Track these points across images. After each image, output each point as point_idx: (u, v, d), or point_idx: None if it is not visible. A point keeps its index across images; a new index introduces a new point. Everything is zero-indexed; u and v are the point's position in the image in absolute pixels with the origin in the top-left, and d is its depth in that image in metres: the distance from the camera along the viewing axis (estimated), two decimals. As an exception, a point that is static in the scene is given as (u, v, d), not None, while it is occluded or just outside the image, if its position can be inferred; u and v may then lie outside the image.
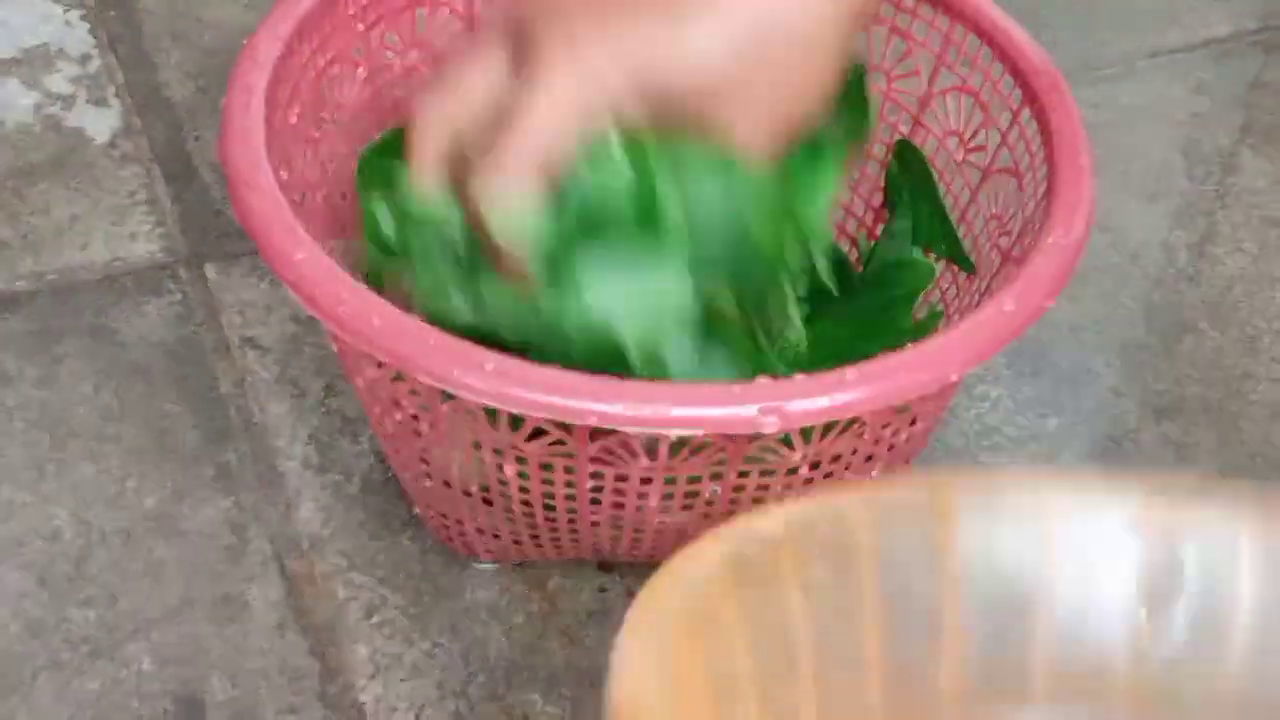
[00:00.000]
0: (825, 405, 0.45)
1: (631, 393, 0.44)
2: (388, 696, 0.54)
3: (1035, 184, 0.55)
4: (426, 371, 0.45)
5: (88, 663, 0.54)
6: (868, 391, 0.45)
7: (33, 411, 0.62)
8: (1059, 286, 0.49)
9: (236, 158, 0.50)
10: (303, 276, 0.47)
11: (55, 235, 0.69)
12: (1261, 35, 0.87)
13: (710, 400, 0.44)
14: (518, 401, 0.44)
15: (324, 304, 0.46)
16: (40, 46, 0.78)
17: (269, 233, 0.48)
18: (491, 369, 0.44)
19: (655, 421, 0.44)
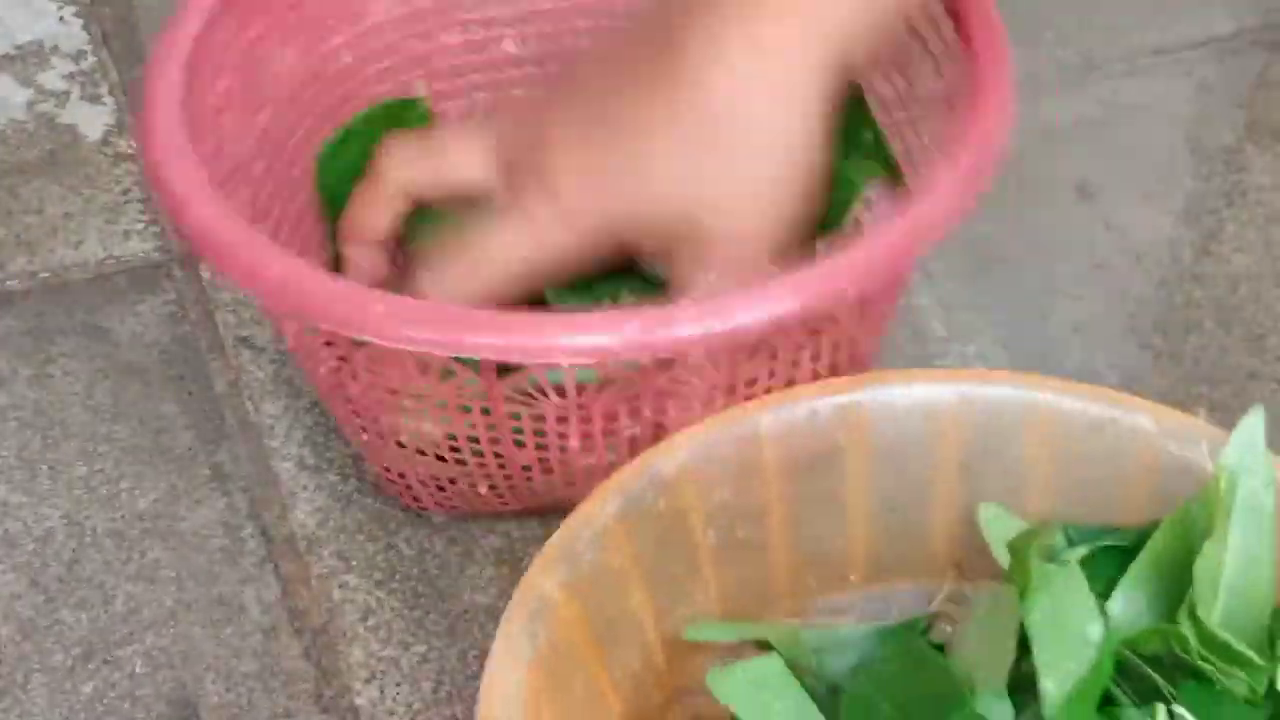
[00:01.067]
0: (719, 329, 0.45)
1: (519, 325, 0.45)
2: (384, 700, 0.54)
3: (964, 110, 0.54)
4: (324, 318, 0.46)
5: (81, 665, 0.54)
6: (767, 310, 0.46)
7: (25, 411, 0.61)
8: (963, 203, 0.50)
9: (155, 128, 0.51)
10: (204, 229, 0.48)
11: (48, 233, 0.68)
12: (1265, 33, 0.87)
13: (595, 327, 0.45)
14: (412, 340, 0.45)
15: (224, 256, 0.47)
16: (34, 43, 0.77)
17: (170, 187, 0.49)
18: (382, 310, 0.45)
19: (541, 352, 0.45)
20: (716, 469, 0.47)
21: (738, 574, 0.49)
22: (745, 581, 0.49)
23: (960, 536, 0.51)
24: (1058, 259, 0.72)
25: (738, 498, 0.47)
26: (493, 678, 0.41)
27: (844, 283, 0.47)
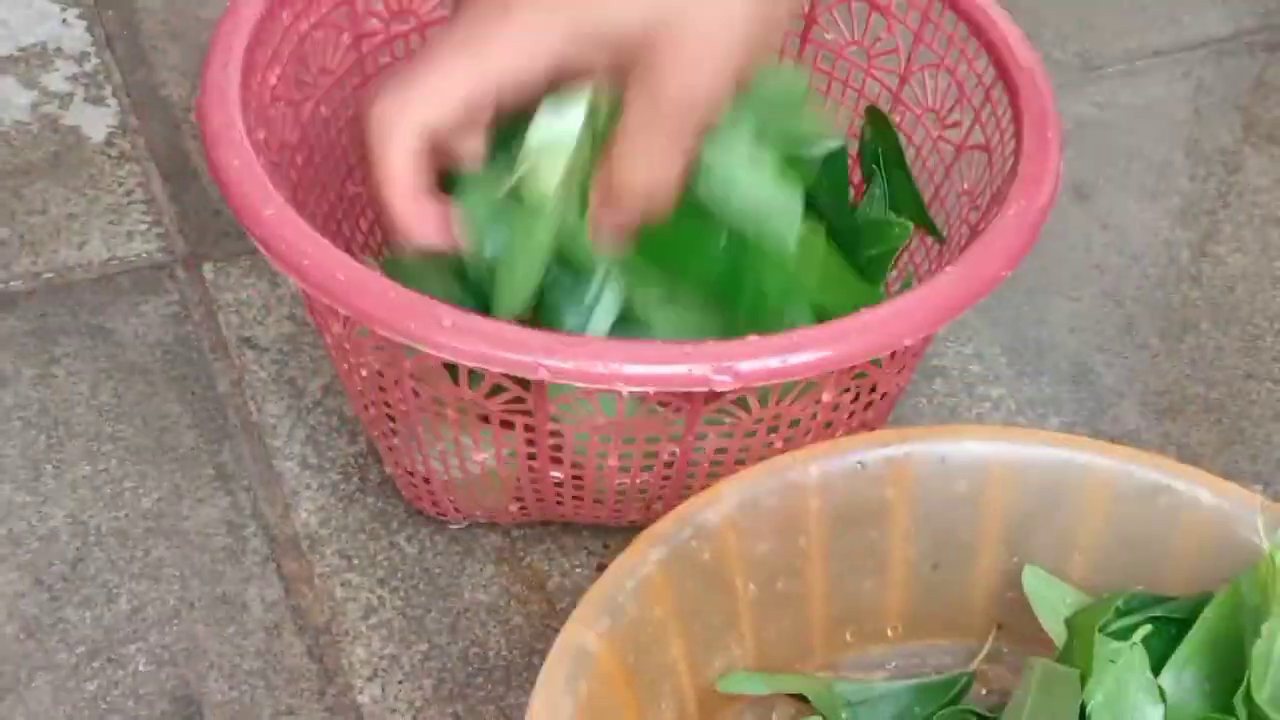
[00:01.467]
0: (776, 366, 0.45)
1: (584, 349, 0.45)
2: (386, 698, 0.54)
3: (1004, 159, 0.56)
4: (386, 325, 0.45)
5: (85, 663, 0.54)
6: (818, 354, 0.46)
7: (30, 411, 0.61)
8: (1017, 257, 0.50)
9: (212, 117, 0.50)
10: (270, 232, 0.48)
11: (52, 234, 0.69)
12: (1262, 34, 0.87)
13: (662, 358, 0.45)
14: (474, 356, 0.45)
15: (289, 258, 0.47)
16: (38, 45, 0.78)
17: (240, 188, 0.49)
18: (449, 324, 0.45)
19: (607, 379, 0.45)
20: (762, 520, 0.46)
21: (776, 626, 0.48)
22: (782, 633, 0.48)
23: (1002, 597, 0.50)
24: (1055, 259, 0.72)
25: (781, 549, 0.46)
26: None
27: (906, 329, 0.47)
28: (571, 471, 0.53)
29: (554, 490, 0.54)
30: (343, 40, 0.59)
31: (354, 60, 0.60)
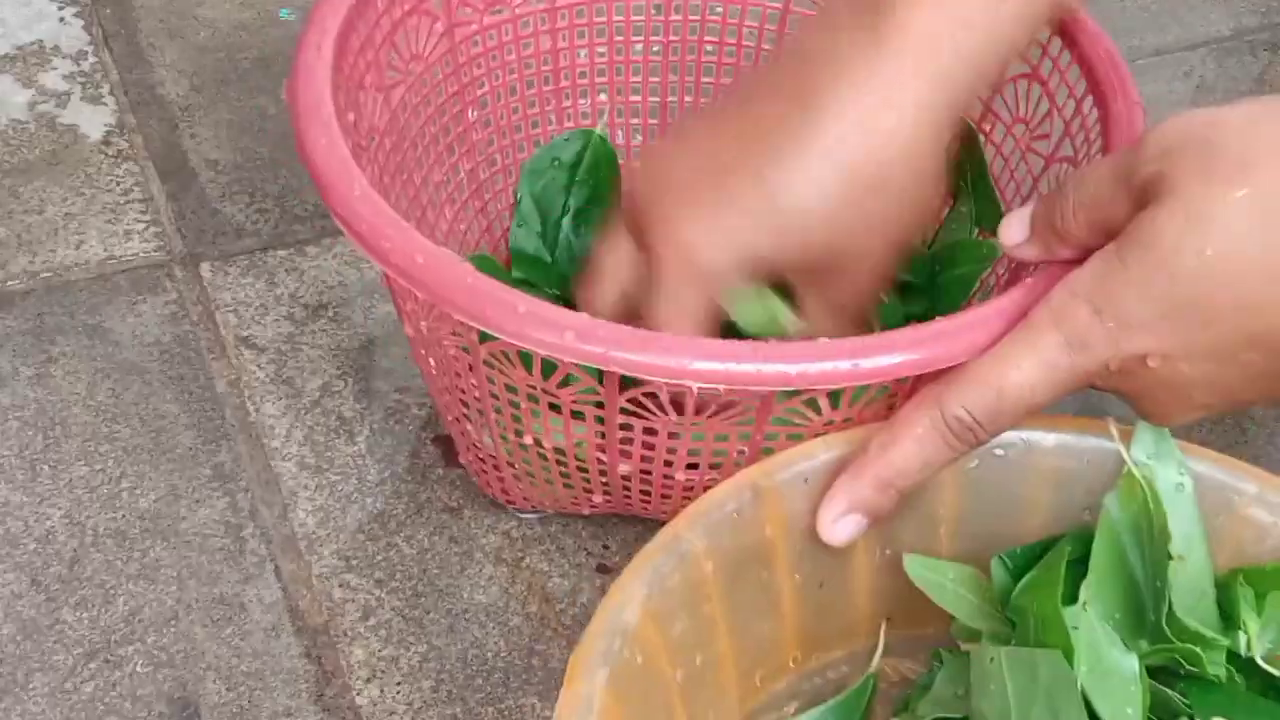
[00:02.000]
0: (846, 369, 0.45)
1: (656, 343, 0.45)
2: (385, 699, 0.54)
3: None
4: (462, 309, 0.46)
5: (82, 665, 0.54)
6: (889, 359, 0.46)
7: (26, 411, 0.61)
8: None
9: (302, 96, 0.51)
10: (353, 213, 0.48)
11: (49, 233, 0.68)
12: (1263, 34, 0.87)
13: (733, 356, 0.45)
14: (545, 345, 0.45)
15: (370, 239, 0.47)
16: (35, 43, 0.78)
17: (326, 168, 0.49)
18: (524, 311, 0.45)
19: (676, 373, 0.45)
20: (672, 600, 0.45)
21: (703, 699, 0.48)
22: (708, 703, 0.48)
23: (884, 591, 0.51)
24: (1056, 259, 0.72)
25: (692, 624, 0.46)
26: None
27: (982, 339, 0.47)
28: (641, 466, 0.53)
29: (622, 484, 0.54)
30: (436, 28, 0.59)
31: (446, 49, 0.60)
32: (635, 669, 0.44)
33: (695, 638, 0.47)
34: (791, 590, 0.49)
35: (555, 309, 0.46)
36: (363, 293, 0.67)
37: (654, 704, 0.45)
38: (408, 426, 0.62)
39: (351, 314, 0.66)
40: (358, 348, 0.65)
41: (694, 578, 0.46)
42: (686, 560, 0.46)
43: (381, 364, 0.64)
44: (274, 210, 0.71)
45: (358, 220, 0.48)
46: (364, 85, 0.55)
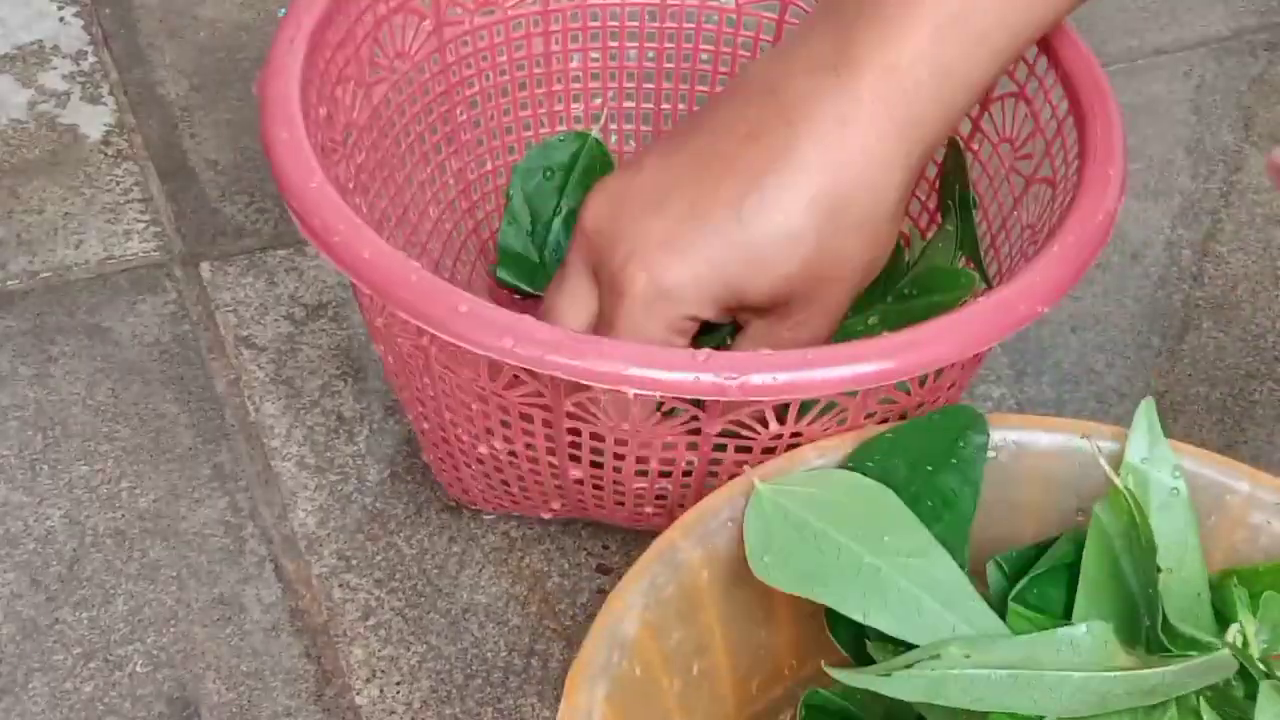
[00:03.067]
0: (786, 381, 0.45)
1: (593, 349, 0.45)
2: (384, 699, 0.54)
3: (1066, 194, 0.54)
4: (405, 306, 0.46)
5: (81, 665, 0.54)
6: (831, 373, 0.45)
7: (27, 410, 0.61)
8: (1055, 294, 0.49)
9: (270, 88, 0.51)
10: (306, 207, 0.48)
11: (49, 233, 0.68)
12: (1262, 33, 0.87)
13: (670, 365, 0.45)
14: (483, 345, 0.45)
15: (320, 233, 0.47)
16: (34, 43, 0.77)
17: (283, 160, 0.49)
18: (465, 310, 0.45)
19: (613, 379, 0.45)
20: (668, 610, 0.45)
21: (701, 708, 0.48)
22: (706, 714, 0.48)
23: None
24: (1056, 259, 0.72)
25: (688, 633, 0.46)
26: None
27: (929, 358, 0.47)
28: (591, 471, 0.52)
29: (575, 488, 0.54)
30: (424, 26, 0.59)
31: (434, 47, 0.60)
32: (634, 680, 0.44)
33: (692, 647, 0.46)
34: (787, 597, 0.49)
35: (496, 310, 0.45)
36: (362, 292, 0.67)
37: (652, 715, 0.45)
38: (408, 426, 0.62)
39: (351, 314, 0.66)
40: (358, 347, 0.65)
41: (690, 587, 0.46)
42: (682, 570, 0.46)
43: (381, 364, 0.64)
44: (274, 210, 0.71)
45: (310, 214, 0.48)
46: (343, 79, 0.55)
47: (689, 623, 0.46)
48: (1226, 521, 0.49)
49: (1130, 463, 0.48)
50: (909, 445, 0.48)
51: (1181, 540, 0.47)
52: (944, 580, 0.45)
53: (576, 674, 0.42)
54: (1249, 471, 0.49)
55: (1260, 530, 0.49)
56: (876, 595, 0.44)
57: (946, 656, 0.42)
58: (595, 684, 0.42)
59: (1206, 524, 0.48)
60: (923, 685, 0.42)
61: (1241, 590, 0.46)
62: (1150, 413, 0.48)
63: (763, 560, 0.45)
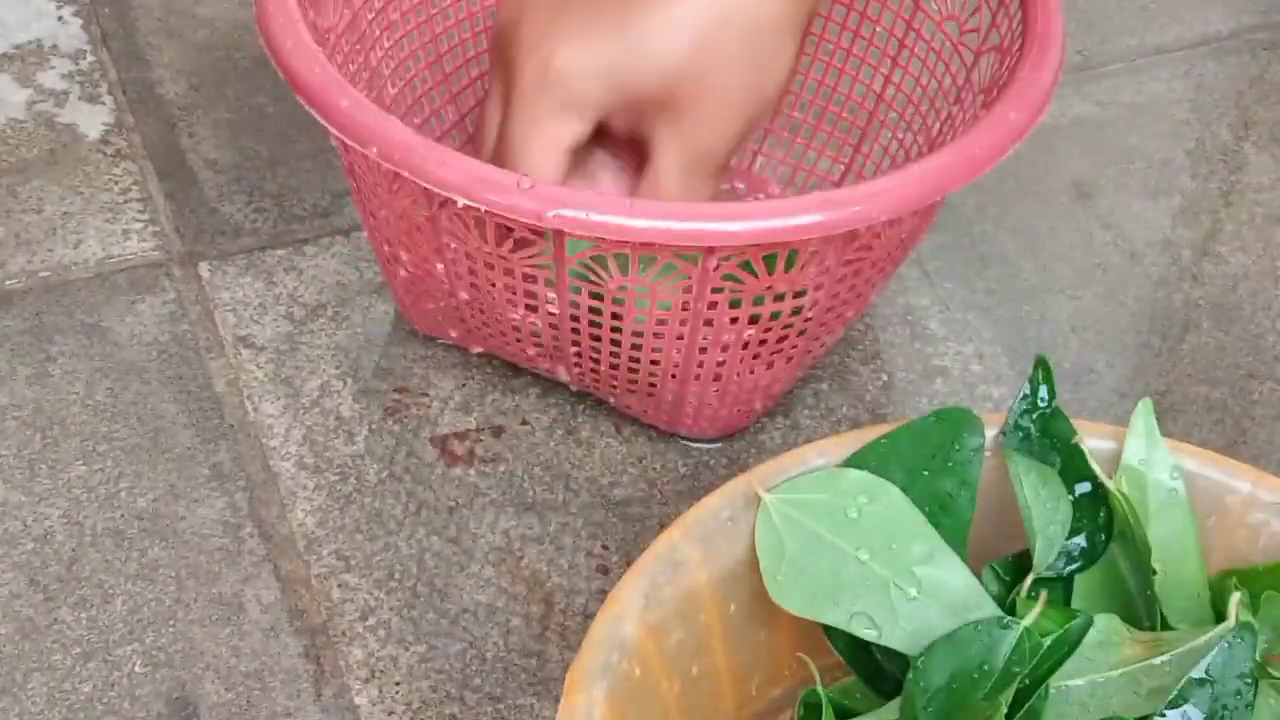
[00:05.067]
0: (598, 221, 0.49)
1: (436, 157, 0.50)
2: (384, 699, 0.54)
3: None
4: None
5: (80, 665, 0.54)
6: (641, 223, 0.49)
7: (25, 410, 0.61)
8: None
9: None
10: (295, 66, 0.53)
11: (48, 232, 0.68)
12: (1262, 32, 0.87)
13: (497, 187, 0.49)
14: (359, 139, 0.50)
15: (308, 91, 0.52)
16: (33, 42, 0.77)
17: (271, 19, 0.54)
18: (346, 105, 0.51)
19: (450, 187, 0.49)
20: (667, 610, 0.45)
21: (700, 709, 0.48)
22: (705, 714, 0.48)
23: None
24: (1056, 258, 0.72)
25: (688, 634, 0.46)
26: None
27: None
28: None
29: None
30: None
31: None
32: (633, 682, 0.43)
33: (692, 647, 0.46)
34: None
35: (374, 112, 0.51)
36: (362, 292, 0.67)
37: (651, 715, 0.45)
38: (407, 426, 0.62)
39: (350, 314, 0.66)
40: (357, 347, 0.65)
41: (689, 587, 0.46)
42: (681, 570, 0.45)
43: (380, 363, 0.64)
44: (273, 209, 0.70)
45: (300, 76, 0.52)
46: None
47: (688, 623, 0.46)
48: (1226, 522, 0.49)
49: (1128, 464, 0.48)
50: (905, 449, 0.48)
51: (1180, 541, 0.47)
52: (955, 587, 0.45)
53: (576, 674, 0.42)
54: (1249, 471, 0.49)
55: (1260, 530, 0.49)
56: (887, 611, 0.44)
57: None
58: (595, 684, 0.42)
59: (1206, 524, 0.48)
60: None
61: (1242, 591, 0.46)
62: (1148, 413, 0.48)
63: (776, 579, 0.45)
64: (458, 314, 0.60)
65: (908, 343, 0.67)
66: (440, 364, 0.64)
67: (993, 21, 0.61)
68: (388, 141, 0.50)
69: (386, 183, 0.54)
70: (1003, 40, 0.60)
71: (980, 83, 0.61)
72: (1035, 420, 0.49)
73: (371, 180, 0.55)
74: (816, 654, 0.48)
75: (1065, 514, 0.47)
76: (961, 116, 0.61)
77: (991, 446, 0.49)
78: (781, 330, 0.56)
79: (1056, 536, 0.47)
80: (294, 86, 0.53)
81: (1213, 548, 0.48)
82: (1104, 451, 0.48)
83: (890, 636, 0.44)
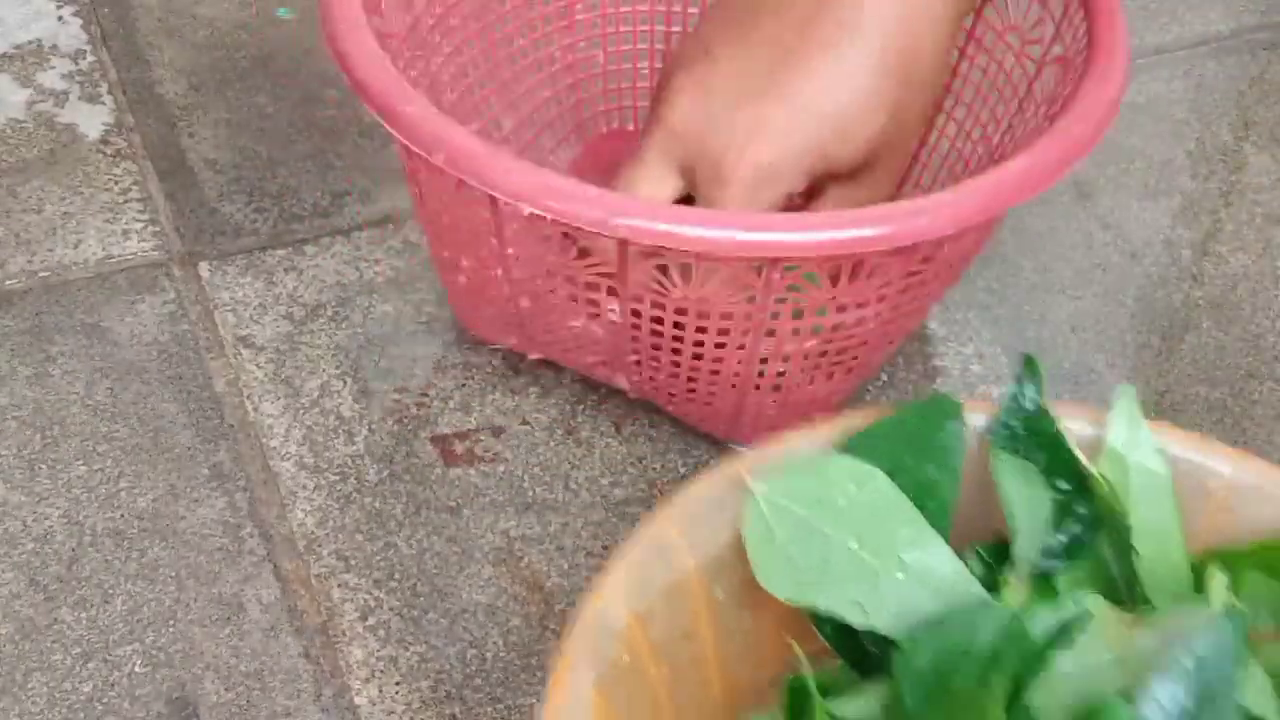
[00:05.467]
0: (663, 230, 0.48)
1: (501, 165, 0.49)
2: (383, 700, 0.54)
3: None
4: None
5: (80, 665, 0.54)
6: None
7: (25, 410, 0.61)
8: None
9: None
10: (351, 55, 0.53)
11: (47, 232, 0.68)
12: (1263, 32, 0.87)
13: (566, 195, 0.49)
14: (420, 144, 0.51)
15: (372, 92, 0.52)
16: (33, 42, 0.77)
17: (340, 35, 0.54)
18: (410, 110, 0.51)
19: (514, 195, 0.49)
20: (654, 596, 0.45)
21: (687, 694, 0.48)
22: (692, 698, 0.48)
23: None
24: (1056, 258, 0.72)
25: (674, 620, 0.46)
26: None
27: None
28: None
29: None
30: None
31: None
32: (622, 668, 0.44)
33: (680, 634, 0.46)
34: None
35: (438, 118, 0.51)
36: (362, 292, 0.67)
37: (641, 701, 0.45)
38: (407, 426, 0.62)
39: (350, 314, 0.66)
40: (357, 347, 0.65)
41: (676, 574, 0.46)
42: (668, 556, 0.46)
43: (380, 364, 0.64)
44: (273, 209, 0.70)
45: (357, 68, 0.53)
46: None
47: (676, 609, 0.46)
48: (1209, 504, 0.49)
49: (1111, 447, 0.48)
50: (890, 435, 0.48)
51: (1162, 523, 0.47)
52: (941, 572, 0.45)
53: (564, 659, 0.42)
54: (1231, 453, 0.49)
55: (1241, 512, 0.49)
56: (875, 596, 0.45)
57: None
58: (583, 669, 0.42)
59: (1189, 507, 0.48)
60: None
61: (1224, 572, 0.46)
62: (1129, 396, 0.49)
63: (764, 566, 0.45)
64: (517, 320, 0.60)
65: (907, 342, 0.67)
66: (440, 364, 0.64)
67: (1056, 33, 0.60)
68: (453, 148, 0.50)
69: (450, 189, 0.54)
70: (1067, 51, 0.59)
71: (1043, 94, 0.60)
72: (1021, 420, 0.49)
73: (435, 187, 0.55)
74: (804, 640, 0.47)
75: (1047, 512, 0.47)
76: (1023, 128, 0.61)
77: (978, 433, 0.49)
78: (843, 342, 0.56)
79: (1038, 534, 0.47)
80: (359, 92, 0.52)
81: (1195, 530, 0.48)
82: (1086, 437, 0.48)
83: (877, 621, 0.44)
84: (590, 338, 0.58)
